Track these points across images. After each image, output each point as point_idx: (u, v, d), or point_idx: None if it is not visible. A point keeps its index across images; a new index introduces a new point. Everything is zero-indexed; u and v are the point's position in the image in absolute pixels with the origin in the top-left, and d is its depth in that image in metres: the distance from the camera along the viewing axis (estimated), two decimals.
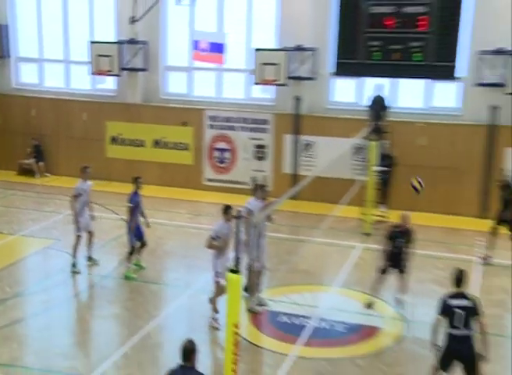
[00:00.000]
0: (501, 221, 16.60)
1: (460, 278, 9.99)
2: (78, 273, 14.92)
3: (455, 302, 9.78)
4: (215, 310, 12.28)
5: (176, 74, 23.04)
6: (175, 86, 23.05)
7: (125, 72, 22.34)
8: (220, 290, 12.02)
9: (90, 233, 15.24)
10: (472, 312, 9.70)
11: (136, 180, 14.82)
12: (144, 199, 15.16)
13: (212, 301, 12.32)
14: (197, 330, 11.97)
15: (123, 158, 22.86)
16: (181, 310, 13.43)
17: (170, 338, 8.12)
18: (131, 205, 14.52)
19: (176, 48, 22.73)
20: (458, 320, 9.66)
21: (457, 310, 9.70)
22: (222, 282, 11.62)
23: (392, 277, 13.62)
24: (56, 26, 23.93)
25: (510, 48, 19.20)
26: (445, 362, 9.88)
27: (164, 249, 16.87)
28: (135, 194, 14.69)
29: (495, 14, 19.31)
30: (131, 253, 14.76)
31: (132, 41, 22.23)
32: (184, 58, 22.45)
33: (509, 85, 19.19)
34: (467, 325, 9.67)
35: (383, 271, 13.65)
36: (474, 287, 14.32)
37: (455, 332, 9.69)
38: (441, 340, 9.85)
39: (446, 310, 9.78)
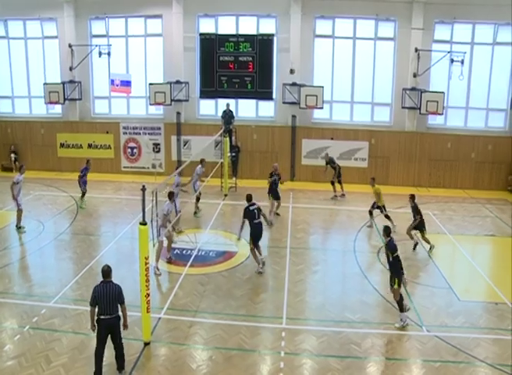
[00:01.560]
0: (336, 181, 18.11)
1: (250, 197, 11.68)
2: (24, 232, 14.18)
3: (251, 208, 11.49)
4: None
5: (101, 101, 22.13)
6: (100, 108, 22.17)
7: (67, 101, 21.32)
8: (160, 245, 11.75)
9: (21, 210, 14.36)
10: (259, 209, 11.50)
11: (87, 162, 17.03)
12: None
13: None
14: (121, 262, 11.88)
15: (68, 157, 21.84)
16: (111, 251, 13.20)
17: None
18: (81, 174, 16.74)
19: (99, 85, 21.84)
20: (256, 216, 11.16)
21: (254, 211, 11.41)
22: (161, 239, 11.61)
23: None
24: (20, 73, 22.32)
25: (299, 83, 19.96)
26: (255, 242, 11.41)
27: (97, 213, 16.56)
28: (85, 168, 16.85)
29: (291, 61, 19.99)
30: (83, 195, 16.87)
31: (71, 81, 21.33)
32: (105, 90, 21.60)
33: (301, 103, 19.87)
34: (260, 216, 11.27)
35: (276, 198, 15.21)
36: (287, 220, 15.16)
37: (256, 221, 11.23)
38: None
39: (248, 213, 11.41)
